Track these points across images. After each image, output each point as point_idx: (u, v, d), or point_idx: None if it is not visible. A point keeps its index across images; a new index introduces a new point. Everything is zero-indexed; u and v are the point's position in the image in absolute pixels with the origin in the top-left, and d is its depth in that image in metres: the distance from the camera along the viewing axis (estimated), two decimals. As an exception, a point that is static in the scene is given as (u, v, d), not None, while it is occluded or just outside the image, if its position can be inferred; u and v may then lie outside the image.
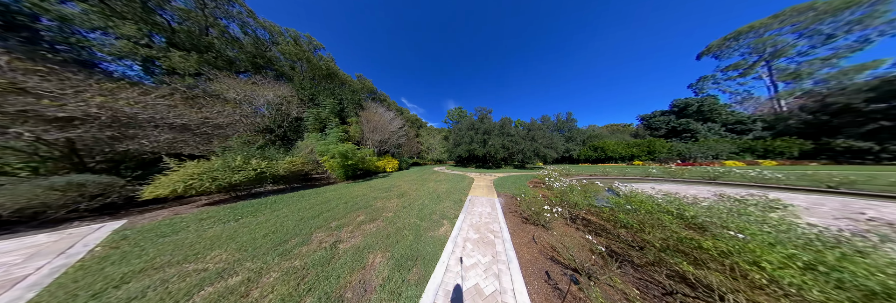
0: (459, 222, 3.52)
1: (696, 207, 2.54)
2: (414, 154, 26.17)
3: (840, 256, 1.38)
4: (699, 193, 5.73)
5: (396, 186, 7.91)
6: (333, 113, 12.21)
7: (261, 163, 6.10)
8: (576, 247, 2.53)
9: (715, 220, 2.17)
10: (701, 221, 2.25)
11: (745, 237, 1.73)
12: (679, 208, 2.51)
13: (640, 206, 2.64)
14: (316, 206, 5.02)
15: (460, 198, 5.63)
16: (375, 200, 5.70)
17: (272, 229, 3.40)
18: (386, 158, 15.46)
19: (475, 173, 12.75)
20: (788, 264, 1.38)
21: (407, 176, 11.63)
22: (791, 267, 1.37)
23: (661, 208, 2.53)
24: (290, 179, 7.77)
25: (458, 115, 33.90)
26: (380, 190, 7.16)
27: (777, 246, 1.54)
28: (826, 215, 3.66)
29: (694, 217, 2.32)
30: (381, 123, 15.04)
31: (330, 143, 9.36)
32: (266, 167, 6.17)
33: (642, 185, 7.54)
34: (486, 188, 7.21)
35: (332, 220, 3.93)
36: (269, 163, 6.37)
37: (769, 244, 1.58)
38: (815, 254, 1.43)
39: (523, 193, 5.16)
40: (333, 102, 12.40)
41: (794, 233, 1.90)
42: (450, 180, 9.38)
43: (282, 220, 3.92)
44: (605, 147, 19.44)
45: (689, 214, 2.36)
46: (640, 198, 2.93)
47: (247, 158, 5.93)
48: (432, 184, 8.46)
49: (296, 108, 11.43)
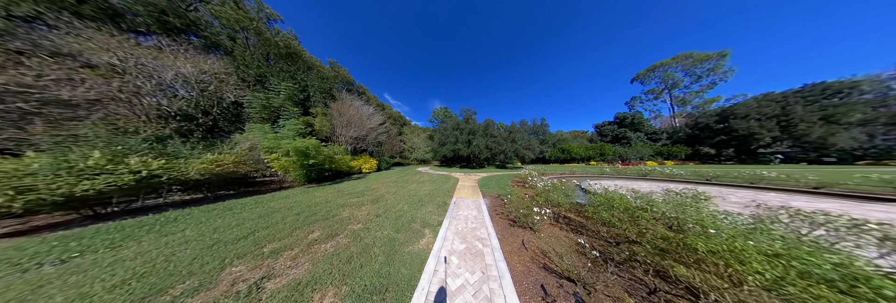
0: (443, 231, 3.02)
1: (663, 203, 2.67)
2: (396, 153, 24.13)
3: (811, 250, 1.42)
4: (647, 187, 6.43)
5: (371, 190, 6.57)
6: (292, 101, 9.65)
7: (152, 162, 3.94)
8: (565, 249, 2.38)
9: (686, 217, 2.22)
10: (674, 217, 2.31)
11: (719, 233, 1.73)
12: (650, 203, 2.61)
13: (620, 203, 2.66)
14: (248, 221, 3.47)
15: (444, 201, 4.96)
16: (342, 208, 4.41)
17: (146, 269, 2.16)
18: (362, 158, 13.42)
19: (460, 173, 12.16)
20: (771, 260, 1.38)
21: (386, 177, 10.14)
22: (775, 263, 1.36)
23: (638, 206, 2.60)
24: (214, 184, 5.49)
25: (443, 114, 33.12)
26: (350, 195, 5.75)
27: (739, 239, 1.57)
28: (736, 204, 4.36)
29: (664, 213, 2.40)
30: (356, 118, 12.92)
31: (283, 137, 7.18)
32: (163, 168, 4.04)
33: (604, 181, 8.22)
34: (470, 189, 6.63)
35: (269, 241, 2.77)
36: (170, 162, 4.21)
37: (732, 237, 1.61)
38: (787, 247, 1.46)
39: (508, 193, 4.95)
40: (292, 87, 9.81)
41: (732, 221, 2.09)
42: (434, 181, 8.45)
43: (175, 249, 2.58)
44: (570, 150, 22.20)
45: (661, 210, 2.45)
46: (615, 196, 2.96)
47: (118, 154, 3.70)
48: (414, 186, 7.40)
49: (233, 90, 8.54)
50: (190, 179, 4.61)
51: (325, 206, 4.54)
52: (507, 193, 5.13)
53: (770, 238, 1.66)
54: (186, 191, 5.17)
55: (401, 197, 5.53)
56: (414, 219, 3.64)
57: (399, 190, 6.57)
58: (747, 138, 17.87)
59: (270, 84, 9.48)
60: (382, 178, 9.97)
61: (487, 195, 5.58)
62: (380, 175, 11.33)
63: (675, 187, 3.25)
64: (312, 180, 8.24)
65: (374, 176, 10.87)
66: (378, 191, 6.42)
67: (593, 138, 26.44)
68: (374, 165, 13.86)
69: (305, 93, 11.50)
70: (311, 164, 7.26)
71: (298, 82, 11.03)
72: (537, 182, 5.45)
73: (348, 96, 14.91)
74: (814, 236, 1.84)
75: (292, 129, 7.64)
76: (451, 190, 6.47)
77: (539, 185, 5.13)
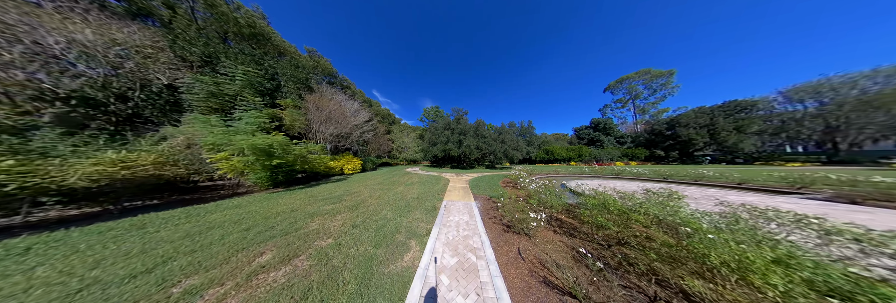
0: (432, 241, 2.60)
1: (647, 203, 2.64)
2: (383, 153, 22.57)
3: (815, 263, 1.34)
4: (621, 185, 6.84)
5: (352, 194, 5.65)
6: (255, 89, 7.91)
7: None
8: (562, 256, 2.18)
9: (675, 219, 2.18)
10: (669, 221, 2.25)
11: (717, 238, 1.62)
12: (640, 205, 2.56)
13: (614, 206, 2.58)
14: (163, 245, 2.45)
15: (434, 205, 4.41)
16: (311, 218, 3.55)
17: None
18: (344, 157, 11.98)
19: (450, 174, 11.64)
20: (785, 271, 1.27)
21: (371, 179, 9.08)
22: (786, 273, 1.26)
23: (630, 207, 2.54)
24: (121, 192, 3.95)
25: (434, 114, 32.33)
26: (324, 201, 4.81)
27: (750, 245, 1.48)
28: (692, 200, 4.73)
29: (657, 216, 2.35)
30: (338, 113, 11.45)
31: (238, 132, 5.70)
32: (10, 172, 2.62)
33: (586, 181, 8.56)
34: (461, 190, 6.21)
35: (188, 274, 1.94)
36: (26, 163, 2.77)
37: (730, 242, 1.51)
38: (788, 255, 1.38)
39: (500, 194, 4.76)
40: (255, 73, 8.05)
41: (711, 221, 2.07)
42: (423, 183, 7.76)
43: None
44: (554, 151, 23.73)
45: (653, 212, 2.38)
46: (609, 199, 2.85)
47: None
48: (401, 188, 6.65)
49: (165, 69, 6.57)
50: (74, 187, 3.14)
51: (288, 216, 3.59)
52: (498, 194, 4.94)
53: (754, 239, 1.61)
54: (73, 203, 3.59)
55: (385, 202, 4.79)
56: (398, 229, 3.06)
57: (384, 194, 5.77)
58: (687, 143, 22.41)
59: (224, 67, 7.63)
60: (367, 179, 8.90)
61: (479, 197, 5.19)
62: (364, 177, 10.16)
63: (642, 185, 3.39)
64: (279, 184, 6.84)
65: (357, 178, 9.67)
66: (359, 195, 5.53)
67: (572, 141, 28.94)
68: (359, 166, 12.51)
69: (275, 82, 9.68)
70: (278, 164, 5.95)
71: (265, 69, 9.22)
72: (529, 184, 5.24)
73: (329, 89, 13.21)
74: (768, 229, 1.94)
75: (252, 122, 6.15)
76: (441, 192, 5.92)
77: (531, 187, 4.92)
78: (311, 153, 7.95)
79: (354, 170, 12.17)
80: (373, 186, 7.23)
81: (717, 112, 21.44)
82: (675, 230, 2.13)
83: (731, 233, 1.72)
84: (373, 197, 5.33)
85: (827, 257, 1.52)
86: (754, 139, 19.73)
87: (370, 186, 7.04)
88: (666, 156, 23.63)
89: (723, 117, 21.13)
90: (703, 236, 1.68)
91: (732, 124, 20.57)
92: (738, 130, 20.10)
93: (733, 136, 20.02)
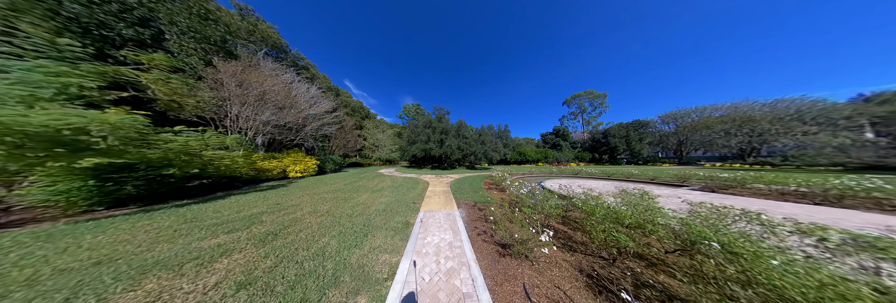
0: (397, 292, 1.51)
1: (625, 207, 2.37)
2: (352, 151, 18.79)
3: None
4: (584, 183, 7.21)
5: (282, 210, 3.54)
6: (50, 16, 4.20)
7: None
8: (572, 283, 1.64)
9: (725, 238, 1.72)
10: (690, 235, 1.83)
11: (779, 264, 1.23)
12: (649, 211, 2.21)
13: (624, 214, 2.14)
14: None
15: (407, 220, 3.13)
16: (147, 272, 1.50)
17: None
18: (290, 156, 8.69)
19: (430, 175, 10.17)
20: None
21: (326, 184, 6.57)
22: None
23: (648, 220, 2.09)
24: None
25: (415, 111, 29.87)
26: (213, 228, 2.67)
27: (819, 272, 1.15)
28: (666, 201, 5.17)
29: (674, 230, 1.96)
30: (282, 96, 8.11)
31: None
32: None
33: (557, 180, 8.75)
34: (442, 195, 4.99)
35: None
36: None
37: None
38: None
39: (486, 200, 4.15)
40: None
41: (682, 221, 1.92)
42: (397, 188, 6.03)
43: None
44: (526, 153, 25.77)
45: (660, 219, 2.03)
46: (621, 209, 2.38)
47: None
48: (366, 196, 4.85)
49: None
50: None
51: (84, 275, 1.44)
52: (484, 199, 4.27)
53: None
54: None
55: (334, 220, 3.07)
56: (339, 274, 1.74)
57: (338, 206, 3.89)
58: (614, 149, 28.94)
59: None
60: (319, 185, 6.37)
61: (463, 204, 4.10)
62: (318, 181, 7.42)
63: (606, 183, 3.24)
64: (131, 200, 3.71)
65: (306, 183, 6.89)
66: (294, 211, 3.48)
67: (539, 144, 33.74)
68: (313, 167, 9.38)
69: (152, 28, 5.76)
70: (107, 167, 3.05)
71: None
72: (520, 189, 4.42)
73: (270, 64, 9.45)
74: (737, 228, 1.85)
75: (35, 82, 2.97)
76: (418, 199, 4.50)
77: (523, 191, 4.10)
78: (217, 149, 4.92)
79: (306, 172, 9.02)
80: (324, 194, 5.01)
81: (629, 127, 29.37)
82: (691, 243, 1.68)
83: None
84: (317, 213, 3.40)
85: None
86: (647, 148, 28.29)
87: (319, 196, 4.81)
88: (601, 158, 30.59)
89: (632, 131, 28.74)
90: (758, 261, 1.26)
91: (637, 136, 28.30)
92: (640, 141, 28.18)
93: (638, 144, 28.03)
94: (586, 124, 37.11)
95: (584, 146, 32.44)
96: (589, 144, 31.80)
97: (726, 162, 21.65)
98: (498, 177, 6.85)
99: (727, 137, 22.37)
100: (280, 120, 8.00)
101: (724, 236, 1.54)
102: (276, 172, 7.60)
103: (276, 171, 7.59)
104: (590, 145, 31.55)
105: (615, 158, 29.63)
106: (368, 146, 21.10)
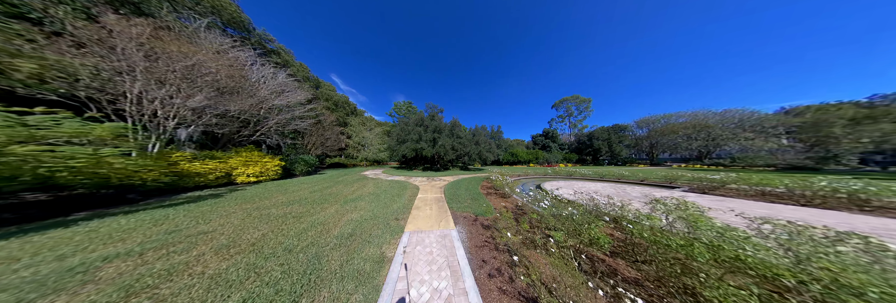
0: None
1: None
2: (332, 151, 16.56)
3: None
4: (583, 186, 6.80)
5: (170, 244, 1.96)
6: None
7: None
8: None
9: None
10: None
11: None
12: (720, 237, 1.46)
13: (686, 244, 1.33)
14: None
15: (382, 253, 2.07)
16: None
17: None
18: (241, 155, 6.76)
19: (421, 178, 8.98)
20: None
21: (287, 192, 4.95)
22: None
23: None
24: None
25: (406, 109, 28.20)
26: None
27: None
28: (640, 198, 4.64)
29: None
30: (226, 75, 6.17)
31: None
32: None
33: (554, 182, 8.26)
34: (435, 205, 3.92)
35: None
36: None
37: None
38: None
39: (486, 210, 3.40)
40: None
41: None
42: (378, 195, 4.73)
43: None
44: (518, 154, 25.73)
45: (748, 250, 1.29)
46: (662, 226, 1.74)
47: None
48: (333, 210, 3.55)
49: None
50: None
51: None
52: (486, 210, 3.47)
53: None
54: None
55: (254, 263, 1.71)
56: None
57: (280, 230, 2.55)
58: (597, 151, 30.50)
59: None
60: (274, 194, 4.73)
61: (461, 218, 3.10)
62: (277, 188, 5.69)
63: (596, 185, 2.76)
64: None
65: (256, 191, 5.13)
66: (192, 246, 2.02)
67: (529, 146, 34.39)
68: (275, 170, 7.51)
69: None
70: None
71: None
72: (538, 203, 3.24)
73: (214, 37, 7.36)
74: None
75: None
76: (403, 213, 3.39)
77: (544, 204, 2.98)
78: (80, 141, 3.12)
79: (264, 176, 7.14)
80: (272, 209, 3.54)
81: (611, 131, 31.61)
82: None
83: None
84: (229, 250, 2.04)
85: None
86: (626, 150, 30.53)
87: (262, 212, 3.34)
88: (585, 159, 32.38)
89: (613, 134, 30.89)
90: None
91: (617, 139, 30.42)
92: (620, 143, 30.56)
93: (618, 147, 30.26)
94: (573, 127, 39.03)
95: (571, 148, 34.17)
96: (575, 146, 33.67)
97: (688, 163, 24.54)
98: (498, 181, 5.92)
99: (689, 141, 25.37)
100: (221, 107, 6.07)
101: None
102: (214, 176, 5.69)
103: (214, 175, 5.68)
104: (576, 147, 33.39)
105: (597, 159, 31.55)
106: (353, 145, 18.95)
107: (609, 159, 31.06)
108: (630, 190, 6.13)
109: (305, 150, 12.65)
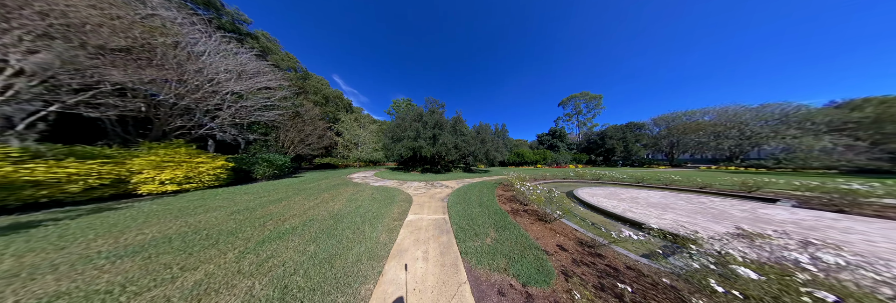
0: None
1: None
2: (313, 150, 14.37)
3: None
4: (654, 198, 4.72)
5: None
6: None
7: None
8: None
9: None
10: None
11: None
12: None
13: None
14: None
15: None
16: None
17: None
18: (158, 152, 4.56)
19: (418, 183, 6.88)
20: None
21: (194, 213, 2.49)
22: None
23: None
24: None
25: (405, 107, 26.13)
26: None
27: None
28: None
29: None
30: (92, 19, 4.01)
31: None
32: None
33: (591, 189, 5.76)
34: (433, 240, 1.84)
35: None
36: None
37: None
38: None
39: (532, 253, 1.73)
40: None
41: None
42: (342, 219, 2.42)
43: None
44: (524, 154, 23.56)
45: None
46: None
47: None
48: (272, 249, 1.37)
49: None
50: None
51: None
52: (529, 261, 1.61)
53: None
54: None
55: None
56: None
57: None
58: (610, 150, 27.91)
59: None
60: (163, 219, 2.46)
61: (486, 286, 1.14)
62: (192, 203, 3.47)
63: (643, 193, 2.70)
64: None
65: (119, 217, 2.88)
66: None
67: (534, 145, 31.54)
68: (213, 173, 5.32)
69: None
70: None
71: None
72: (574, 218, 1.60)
73: None
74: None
75: None
76: (363, 274, 1.23)
77: (633, 236, 1.30)
78: None
79: (199, 181, 4.97)
80: (170, 239, 1.38)
81: (626, 129, 28.48)
82: None
83: None
84: None
85: None
86: (643, 149, 28.08)
87: (120, 258, 1.10)
88: (596, 160, 29.74)
89: (629, 133, 28.26)
90: None
91: (633, 138, 27.86)
92: (636, 142, 27.47)
93: (634, 146, 27.21)
94: (581, 126, 36.29)
95: (579, 148, 31.62)
96: (584, 146, 30.98)
97: (718, 164, 21.26)
98: (526, 192, 3.69)
99: (719, 140, 22.40)
100: (117, 79, 3.90)
101: None
102: (83, 187, 3.52)
103: (83, 184, 3.51)
104: (585, 147, 30.73)
105: (609, 159, 28.95)
106: (343, 143, 16.78)
107: (623, 160, 28.34)
108: (708, 203, 4.09)
109: (279, 148, 10.49)
